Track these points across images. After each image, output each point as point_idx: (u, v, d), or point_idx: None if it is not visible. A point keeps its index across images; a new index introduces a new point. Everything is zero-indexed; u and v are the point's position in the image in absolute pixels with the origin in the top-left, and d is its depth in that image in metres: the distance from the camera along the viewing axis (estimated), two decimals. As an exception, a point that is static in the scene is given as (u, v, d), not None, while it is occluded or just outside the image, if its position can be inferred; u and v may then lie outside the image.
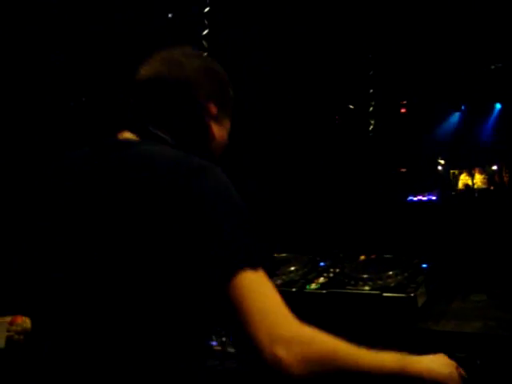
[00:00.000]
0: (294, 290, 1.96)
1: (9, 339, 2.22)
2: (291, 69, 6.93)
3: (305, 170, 7.31)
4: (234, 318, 1.00)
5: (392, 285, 1.83)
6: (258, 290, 1.02)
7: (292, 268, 2.09)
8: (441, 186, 8.36)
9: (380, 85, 7.54)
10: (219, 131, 1.37)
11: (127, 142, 1.26)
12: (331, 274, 2.02)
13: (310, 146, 7.41)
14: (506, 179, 8.15)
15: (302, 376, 0.98)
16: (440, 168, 8.76)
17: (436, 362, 1.27)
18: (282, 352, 0.96)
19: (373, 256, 2.10)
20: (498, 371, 1.55)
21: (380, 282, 1.84)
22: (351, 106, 8.00)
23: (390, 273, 1.88)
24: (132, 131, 1.29)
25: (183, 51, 1.37)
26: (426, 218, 7.02)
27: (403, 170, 8.99)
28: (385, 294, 1.77)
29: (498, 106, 8.40)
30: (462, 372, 1.35)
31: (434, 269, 1.93)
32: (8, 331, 2.23)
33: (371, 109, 7.41)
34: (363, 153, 7.78)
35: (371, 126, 7.41)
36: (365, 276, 1.91)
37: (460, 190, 8.52)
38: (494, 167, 8.49)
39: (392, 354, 1.18)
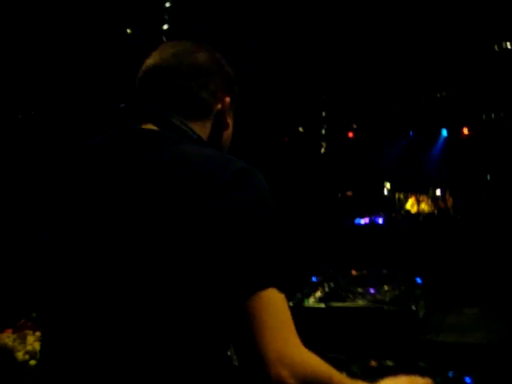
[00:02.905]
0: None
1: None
2: (242, 88, 6.96)
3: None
4: (246, 331, 1.01)
5: (390, 299, 1.85)
6: (276, 309, 1.03)
7: (285, 282, 2.08)
8: (386, 210, 8.56)
9: (331, 109, 7.70)
10: (231, 122, 1.37)
11: (159, 136, 1.21)
12: (327, 289, 2.02)
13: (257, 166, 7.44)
14: (449, 204, 8.43)
15: None
16: (386, 192, 8.98)
17: None
18: (285, 372, 0.98)
19: (364, 271, 2.12)
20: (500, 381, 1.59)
21: (379, 297, 1.86)
22: (301, 129, 8.12)
23: (387, 287, 1.90)
24: (153, 122, 1.24)
25: (192, 43, 1.34)
26: (372, 240, 7.18)
27: (349, 193, 9.17)
28: (386, 308, 1.79)
29: (444, 132, 8.71)
30: None
31: (429, 283, 1.97)
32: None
33: (323, 131, 7.54)
34: (312, 175, 7.90)
35: (323, 149, 7.53)
36: (360, 290, 1.93)
37: (405, 213, 8.74)
38: (438, 192, 8.77)
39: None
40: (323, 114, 7.57)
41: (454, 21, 6.76)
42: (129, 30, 5.23)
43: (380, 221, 8.57)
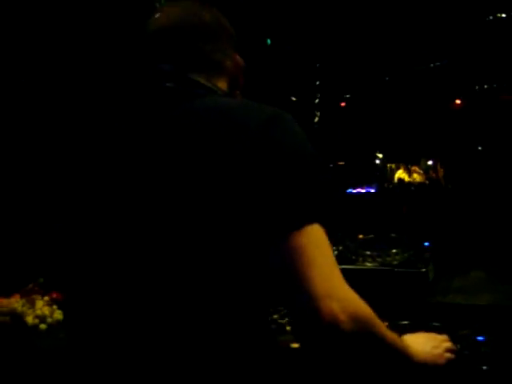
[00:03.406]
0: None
1: (-5, 321, 2.14)
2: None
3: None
4: (295, 267, 0.99)
5: (399, 262, 1.89)
6: (322, 246, 1.02)
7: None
8: (378, 180, 8.58)
9: (325, 77, 7.65)
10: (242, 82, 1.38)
11: (181, 90, 1.19)
12: (336, 252, 2.05)
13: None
14: (440, 174, 8.46)
15: (348, 333, 0.98)
16: (378, 162, 9.00)
17: (418, 343, 1.30)
18: (337, 307, 0.97)
19: (371, 235, 2.15)
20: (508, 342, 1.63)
21: (389, 259, 1.89)
22: (293, 98, 8.08)
23: (395, 250, 1.93)
24: (178, 83, 1.21)
25: (196, 2, 1.33)
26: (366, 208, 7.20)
27: (341, 163, 9.16)
28: (397, 270, 1.82)
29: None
30: (451, 346, 1.40)
31: (437, 247, 2.01)
32: (-6, 313, 2.15)
33: (317, 101, 7.51)
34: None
35: (316, 118, 7.51)
36: (369, 253, 1.96)
37: (396, 183, 8.76)
38: (430, 162, 8.77)
39: (401, 339, 1.20)
40: (317, 82, 7.54)
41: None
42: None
43: (372, 190, 8.59)
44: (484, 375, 1.36)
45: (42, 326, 2.17)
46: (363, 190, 8.43)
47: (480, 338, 1.52)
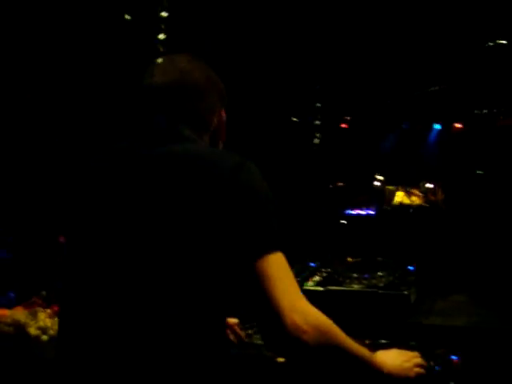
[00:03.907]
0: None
1: (-1, 331, 2.25)
2: (238, 77, 7.05)
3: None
4: (261, 288, 1.16)
5: (383, 284, 1.99)
6: (284, 269, 1.21)
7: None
8: (378, 202, 8.65)
9: (325, 99, 7.78)
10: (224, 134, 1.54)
11: (169, 137, 1.36)
12: (324, 274, 2.16)
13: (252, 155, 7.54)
14: (439, 198, 8.51)
15: (311, 343, 1.14)
16: (378, 184, 9.07)
17: (388, 357, 1.43)
18: (299, 319, 1.13)
19: (359, 258, 2.26)
20: (483, 361, 1.73)
21: (374, 281, 2.00)
22: (295, 119, 8.21)
23: (381, 273, 2.04)
24: (162, 129, 1.39)
25: (190, 61, 1.48)
26: (364, 230, 7.28)
27: (341, 184, 9.25)
28: (381, 292, 1.93)
29: (438, 126, 8.81)
30: (421, 361, 1.51)
31: (421, 270, 2.11)
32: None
33: (317, 122, 7.63)
34: (305, 166, 7.99)
35: (316, 140, 7.63)
36: (355, 275, 2.07)
37: (395, 205, 8.82)
38: (429, 185, 8.83)
39: (363, 347, 1.34)
40: (317, 104, 7.67)
41: (448, 16, 6.86)
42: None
43: (371, 212, 8.68)
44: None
45: (44, 338, 2.28)
46: (363, 212, 8.51)
47: (453, 357, 1.63)
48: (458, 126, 9.01)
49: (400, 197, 9.09)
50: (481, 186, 8.72)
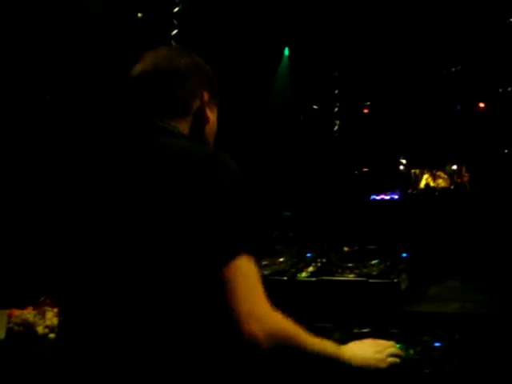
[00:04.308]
0: (285, 278, 2.11)
1: (9, 331, 2.31)
2: (258, 69, 7.06)
3: (270, 170, 7.46)
4: (223, 294, 1.18)
5: (376, 272, 1.99)
6: (248, 274, 1.22)
7: (281, 259, 2.24)
8: (402, 186, 8.60)
9: (344, 86, 7.74)
10: (212, 116, 1.53)
11: (145, 131, 1.40)
12: (319, 264, 2.17)
13: (275, 145, 7.58)
14: (465, 179, 8.43)
15: (268, 349, 1.19)
16: (402, 168, 9.00)
17: (360, 349, 1.46)
18: (255, 327, 1.17)
19: (355, 247, 2.26)
20: (475, 346, 1.72)
21: (365, 270, 2.00)
22: (315, 107, 8.19)
23: (374, 262, 2.04)
24: (141, 125, 1.42)
25: (171, 49, 1.53)
26: (389, 215, 7.24)
27: (365, 169, 9.20)
28: (371, 280, 1.93)
29: (458, 107, 8.68)
30: (395, 351, 1.51)
31: (414, 258, 2.10)
32: (8, 323, 2.32)
33: (336, 109, 7.61)
34: (327, 152, 7.98)
35: (336, 126, 7.60)
36: (350, 265, 2.07)
37: (421, 189, 8.76)
38: (454, 167, 8.75)
39: (331, 343, 1.39)
40: (336, 91, 7.65)
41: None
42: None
43: (396, 197, 8.64)
44: (425, 378, 1.46)
45: (51, 336, 2.34)
46: (387, 197, 8.44)
47: (437, 344, 1.62)
48: (481, 105, 8.87)
49: (426, 180, 9.02)
50: (507, 167, 8.56)
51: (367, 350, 1.45)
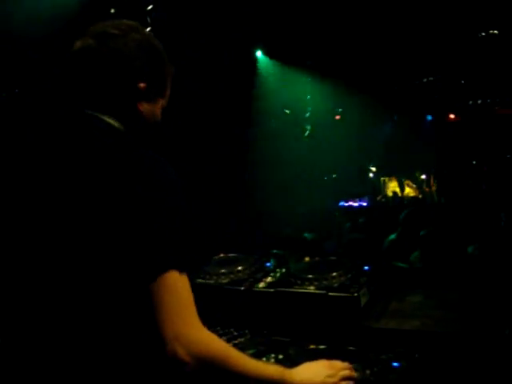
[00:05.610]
0: (242, 288, 2.02)
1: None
2: (231, 69, 7.00)
3: (238, 172, 7.41)
4: (149, 313, 1.11)
5: (336, 285, 1.92)
6: (177, 291, 1.13)
7: (240, 267, 2.15)
8: (371, 193, 8.61)
9: (317, 91, 7.71)
10: (149, 109, 1.38)
11: (70, 129, 1.29)
12: (278, 274, 2.10)
13: (243, 147, 7.53)
14: (433, 188, 8.48)
15: (196, 371, 1.13)
16: (371, 175, 9.03)
17: (310, 373, 1.38)
18: (180, 350, 1.11)
19: (317, 258, 2.19)
20: (435, 365, 1.67)
21: (325, 282, 1.93)
22: (287, 111, 8.15)
23: (334, 274, 1.97)
24: (69, 114, 1.32)
25: (119, 24, 1.35)
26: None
27: (334, 175, 9.20)
28: (330, 294, 1.86)
29: (429, 117, 8.74)
30: (348, 374, 1.43)
31: (375, 271, 2.04)
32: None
33: (308, 114, 7.57)
34: (298, 157, 7.95)
35: (307, 132, 7.57)
36: (310, 276, 2.00)
37: (389, 196, 8.79)
38: (423, 176, 8.83)
39: (276, 366, 1.34)
40: (308, 97, 7.60)
41: (442, 7, 6.77)
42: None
43: (364, 204, 8.64)
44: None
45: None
46: (355, 204, 8.45)
47: (395, 364, 1.56)
48: (452, 116, 8.94)
49: (393, 188, 9.05)
50: (475, 177, 8.63)
51: (319, 374, 1.37)
